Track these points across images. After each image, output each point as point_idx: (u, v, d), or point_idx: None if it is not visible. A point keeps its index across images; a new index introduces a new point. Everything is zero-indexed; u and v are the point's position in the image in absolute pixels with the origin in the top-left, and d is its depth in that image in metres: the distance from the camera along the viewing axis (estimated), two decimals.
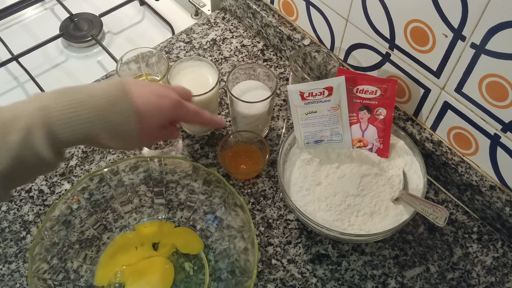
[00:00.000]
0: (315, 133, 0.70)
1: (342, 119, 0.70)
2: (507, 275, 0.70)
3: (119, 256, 0.69)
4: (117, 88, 0.51)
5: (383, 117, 0.71)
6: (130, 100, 0.51)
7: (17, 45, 0.98)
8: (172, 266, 0.68)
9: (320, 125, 0.69)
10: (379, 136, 0.72)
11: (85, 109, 0.48)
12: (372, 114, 0.71)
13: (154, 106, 0.53)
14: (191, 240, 0.71)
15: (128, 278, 0.67)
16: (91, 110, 0.49)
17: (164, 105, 0.54)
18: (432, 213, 0.64)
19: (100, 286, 0.66)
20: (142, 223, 0.72)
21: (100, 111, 0.49)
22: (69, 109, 0.48)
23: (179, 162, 0.70)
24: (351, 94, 0.70)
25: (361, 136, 0.73)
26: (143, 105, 0.52)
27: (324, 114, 0.68)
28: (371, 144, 0.73)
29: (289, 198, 0.68)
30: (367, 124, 0.72)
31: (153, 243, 0.70)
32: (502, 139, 0.66)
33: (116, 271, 0.67)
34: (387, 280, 0.69)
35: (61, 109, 0.48)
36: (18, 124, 0.46)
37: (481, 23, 0.58)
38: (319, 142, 0.72)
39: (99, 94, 0.50)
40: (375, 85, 0.70)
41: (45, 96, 0.49)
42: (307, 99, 0.64)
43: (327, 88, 0.63)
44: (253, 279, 0.59)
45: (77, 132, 0.49)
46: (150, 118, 0.53)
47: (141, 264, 0.68)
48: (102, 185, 0.68)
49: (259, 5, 0.93)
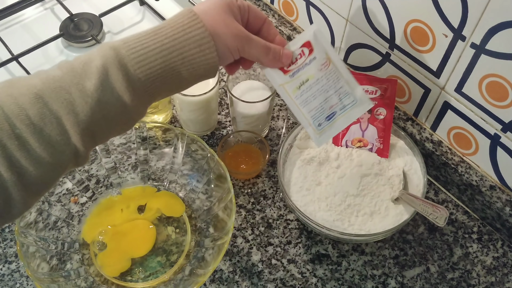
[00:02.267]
0: (322, 107, 0.56)
1: (341, 72, 0.56)
2: (507, 275, 0.70)
3: (105, 216, 0.72)
4: (186, 16, 0.46)
5: (383, 117, 0.71)
6: (202, 25, 0.45)
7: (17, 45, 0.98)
8: (154, 229, 0.71)
9: (322, 93, 0.55)
10: (379, 136, 0.72)
11: (158, 41, 0.44)
12: (372, 114, 0.71)
13: (219, 10, 0.47)
14: (173, 203, 0.74)
15: (111, 238, 0.70)
16: (164, 40, 0.44)
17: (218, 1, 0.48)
18: (432, 213, 0.64)
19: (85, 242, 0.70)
20: (127, 187, 0.75)
21: (174, 42, 0.44)
22: (141, 43, 0.44)
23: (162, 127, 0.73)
24: None
25: (361, 136, 0.73)
26: (215, 25, 0.46)
27: (318, 77, 0.54)
28: (371, 144, 0.73)
29: (289, 198, 0.68)
30: (367, 124, 0.72)
31: (138, 206, 0.73)
32: (502, 139, 0.66)
33: (101, 230, 0.70)
34: (387, 280, 0.69)
35: (132, 45, 0.44)
36: (93, 68, 0.42)
37: (481, 23, 0.58)
38: (331, 117, 0.57)
39: (168, 25, 0.45)
40: (375, 85, 0.70)
41: (111, 42, 0.45)
42: (289, 70, 0.52)
43: (304, 44, 0.52)
44: (229, 236, 0.61)
45: (153, 67, 0.44)
46: (222, 30, 0.46)
47: (125, 225, 0.71)
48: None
49: (259, 5, 0.93)
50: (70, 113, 0.41)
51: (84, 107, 0.41)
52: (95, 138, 0.44)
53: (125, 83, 0.42)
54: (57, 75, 0.41)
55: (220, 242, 0.64)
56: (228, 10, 0.47)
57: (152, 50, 0.43)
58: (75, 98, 0.41)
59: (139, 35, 0.45)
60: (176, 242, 0.70)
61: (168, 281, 0.67)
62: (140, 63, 0.43)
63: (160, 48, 0.43)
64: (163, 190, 0.75)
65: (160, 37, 0.44)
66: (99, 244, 0.69)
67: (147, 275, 0.67)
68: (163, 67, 0.44)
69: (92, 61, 0.42)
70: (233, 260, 0.70)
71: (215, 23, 0.45)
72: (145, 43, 0.44)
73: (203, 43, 0.44)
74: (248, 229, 0.73)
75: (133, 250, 0.69)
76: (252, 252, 0.71)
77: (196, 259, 0.68)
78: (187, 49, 0.44)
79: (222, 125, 0.85)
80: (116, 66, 0.42)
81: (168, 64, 0.44)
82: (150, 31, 0.45)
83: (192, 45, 0.44)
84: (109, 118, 0.43)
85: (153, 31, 0.45)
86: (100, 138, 0.45)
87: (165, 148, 0.75)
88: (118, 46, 0.43)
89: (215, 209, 0.70)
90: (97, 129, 0.43)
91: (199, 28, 0.44)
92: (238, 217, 0.74)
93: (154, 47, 0.44)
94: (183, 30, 0.44)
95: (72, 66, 0.42)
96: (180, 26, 0.44)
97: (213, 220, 0.70)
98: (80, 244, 0.69)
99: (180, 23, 0.45)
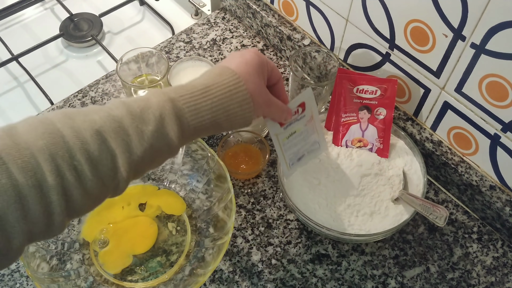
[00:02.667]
0: (298, 151, 0.69)
1: (316, 127, 0.69)
2: (507, 275, 0.70)
3: (106, 214, 0.72)
4: (232, 78, 0.52)
5: (383, 117, 0.71)
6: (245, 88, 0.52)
7: (17, 45, 0.98)
8: (156, 226, 0.71)
9: (300, 142, 0.68)
10: (379, 136, 0.72)
11: (209, 99, 0.50)
12: (372, 114, 0.71)
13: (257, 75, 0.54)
14: (174, 201, 0.74)
15: (113, 235, 0.70)
16: (214, 99, 0.50)
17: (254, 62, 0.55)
18: (432, 213, 0.64)
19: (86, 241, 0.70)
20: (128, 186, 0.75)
21: (221, 100, 0.51)
22: (194, 99, 0.49)
23: None
24: (351, 94, 0.70)
25: (361, 136, 0.73)
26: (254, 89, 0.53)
27: (302, 131, 0.67)
28: (371, 144, 0.73)
29: (289, 198, 0.68)
30: (367, 124, 0.72)
31: (139, 203, 0.73)
32: (502, 139, 0.66)
33: (102, 228, 0.70)
34: (387, 280, 0.69)
35: (188, 98, 0.49)
36: (150, 115, 0.46)
37: (481, 23, 0.58)
38: (301, 158, 0.70)
39: (217, 84, 0.51)
40: (375, 85, 0.70)
41: (165, 90, 0.49)
42: (285, 123, 0.63)
43: (300, 105, 0.63)
44: (229, 236, 0.62)
45: (203, 120, 0.50)
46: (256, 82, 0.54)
47: (126, 222, 0.72)
48: None
49: (259, 5, 0.93)
50: (125, 153, 0.45)
51: (139, 149, 0.46)
52: (137, 175, 0.48)
53: (178, 133, 0.48)
54: (116, 116, 0.45)
55: (220, 242, 0.64)
56: (261, 74, 0.55)
57: (203, 107, 0.50)
58: (133, 139, 0.45)
59: (192, 90, 0.50)
60: (176, 242, 0.70)
61: (168, 281, 0.67)
62: (192, 117, 0.49)
63: (210, 105, 0.50)
64: (164, 189, 0.75)
65: (210, 96, 0.50)
66: (101, 242, 0.69)
67: (147, 275, 0.67)
68: (210, 122, 0.50)
69: (150, 107, 0.47)
70: (233, 260, 0.70)
71: (254, 89, 0.53)
72: (198, 100, 0.50)
73: (244, 104, 0.52)
74: (248, 229, 0.73)
75: (135, 247, 0.69)
76: (252, 252, 0.71)
77: (196, 259, 0.68)
78: (231, 108, 0.51)
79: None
80: (173, 117, 0.47)
81: (214, 120, 0.51)
82: (200, 87, 0.50)
83: (235, 105, 0.51)
84: (154, 158, 0.48)
85: (204, 88, 0.50)
86: (140, 174, 0.49)
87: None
88: (174, 98, 0.48)
89: (215, 209, 0.70)
90: (143, 167, 0.48)
91: (243, 94, 0.52)
92: (238, 217, 0.74)
93: (205, 104, 0.50)
94: (229, 91, 0.51)
95: (130, 109, 0.46)
96: (226, 87, 0.51)
97: (213, 220, 0.70)
98: (80, 243, 0.69)
99: (226, 84, 0.51)
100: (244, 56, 0.54)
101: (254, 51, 0.56)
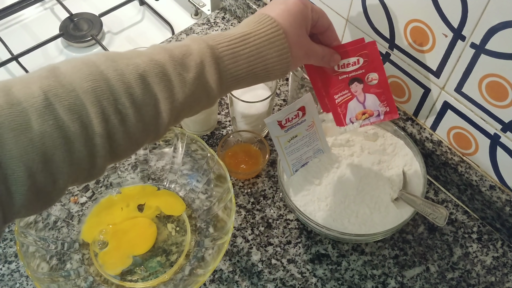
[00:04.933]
0: (301, 157, 0.70)
1: (319, 133, 0.70)
2: (507, 275, 0.70)
3: (105, 215, 0.72)
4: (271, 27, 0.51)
5: (377, 81, 0.65)
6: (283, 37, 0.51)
7: (17, 45, 0.98)
8: (155, 226, 0.71)
9: (303, 148, 0.69)
10: (381, 100, 0.66)
11: (247, 47, 0.49)
12: (364, 83, 0.66)
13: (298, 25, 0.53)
14: (173, 202, 0.74)
15: (112, 237, 0.70)
16: (252, 47, 0.50)
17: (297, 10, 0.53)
18: (432, 213, 0.64)
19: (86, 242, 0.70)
20: (127, 186, 0.75)
21: (259, 49, 0.50)
22: (233, 46, 0.49)
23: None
24: (334, 72, 0.65)
25: (363, 108, 0.67)
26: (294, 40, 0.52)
27: (304, 135, 0.67)
28: (377, 111, 0.67)
29: (289, 198, 0.68)
30: (363, 95, 0.65)
31: (138, 205, 0.73)
32: (502, 139, 0.66)
33: (101, 229, 0.70)
34: (387, 280, 0.69)
35: (226, 46, 0.49)
36: (192, 61, 0.46)
37: (481, 23, 0.58)
38: (305, 165, 0.72)
39: (255, 32, 0.50)
40: (355, 55, 0.65)
41: (203, 37, 0.49)
42: (285, 126, 0.64)
43: (300, 108, 0.64)
44: (229, 236, 0.62)
45: (241, 68, 0.49)
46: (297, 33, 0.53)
47: (125, 223, 0.71)
48: None
49: (259, 5, 0.93)
50: (168, 99, 0.45)
51: (181, 95, 0.46)
52: (176, 121, 0.48)
53: (217, 80, 0.48)
54: (159, 61, 0.45)
55: (220, 242, 0.64)
56: (303, 24, 0.53)
57: (241, 55, 0.49)
58: (175, 85, 0.45)
59: (229, 37, 0.49)
60: (176, 242, 0.70)
61: (168, 281, 0.67)
62: (230, 65, 0.49)
63: (248, 54, 0.49)
64: (163, 189, 0.75)
65: (248, 44, 0.49)
66: (100, 243, 0.69)
67: (147, 275, 0.67)
68: (247, 71, 0.50)
69: (191, 54, 0.47)
70: (233, 260, 0.70)
71: (294, 40, 0.52)
72: (235, 48, 0.49)
73: (282, 54, 0.51)
74: (248, 229, 0.73)
75: (134, 248, 0.70)
76: (252, 252, 0.71)
77: (196, 259, 0.68)
78: (269, 57, 0.50)
79: (222, 125, 0.85)
80: (213, 64, 0.47)
81: (251, 69, 0.50)
82: (239, 35, 0.50)
83: (273, 55, 0.50)
84: (194, 106, 0.48)
85: (241, 35, 0.50)
86: (179, 121, 0.49)
87: (165, 148, 0.75)
88: (213, 45, 0.48)
89: (215, 209, 0.70)
90: (182, 114, 0.48)
91: (282, 43, 0.51)
92: (238, 217, 0.74)
93: (242, 52, 0.49)
94: (267, 40, 0.50)
95: (172, 54, 0.46)
96: (264, 36, 0.50)
97: (213, 220, 0.70)
98: (80, 244, 0.69)
99: (265, 32, 0.50)
100: (287, 3, 0.53)
101: None
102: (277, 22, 0.51)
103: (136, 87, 0.43)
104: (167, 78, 0.45)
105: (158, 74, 0.44)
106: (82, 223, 0.71)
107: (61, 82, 0.40)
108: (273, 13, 0.51)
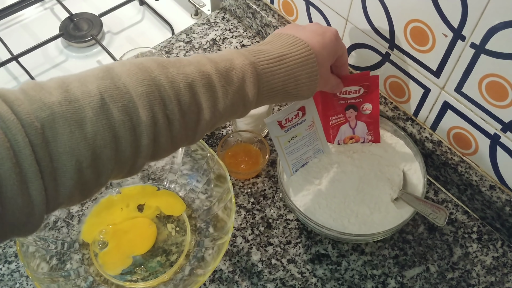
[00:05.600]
0: (300, 157, 0.70)
1: (319, 133, 0.71)
2: (507, 275, 0.70)
3: (105, 215, 0.72)
4: (305, 50, 0.55)
5: (370, 112, 0.72)
6: (315, 62, 0.56)
7: (17, 45, 0.98)
8: (155, 226, 0.71)
9: (303, 148, 0.70)
10: (368, 129, 0.74)
11: (282, 66, 0.54)
12: (358, 111, 0.72)
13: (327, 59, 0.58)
14: (173, 202, 0.74)
15: (112, 237, 0.70)
16: (287, 67, 0.54)
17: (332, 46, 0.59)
18: (432, 213, 0.64)
19: (86, 242, 0.70)
20: (127, 186, 0.75)
21: (293, 69, 0.54)
22: (270, 65, 0.53)
23: None
24: (336, 97, 0.70)
25: (352, 133, 0.74)
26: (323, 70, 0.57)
27: (304, 135, 0.68)
28: (363, 138, 0.75)
29: (289, 198, 0.68)
30: (355, 121, 0.73)
31: (138, 205, 0.73)
32: (502, 139, 0.66)
33: (101, 229, 0.71)
34: (387, 280, 0.69)
35: (265, 64, 0.53)
36: (236, 76, 0.50)
37: (481, 23, 0.58)
38: (305, 165, 0.72)
39: (291, 54, 0.55)
40: (357, 85, 0.70)
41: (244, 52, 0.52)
42: (285, 126, 0.65)
43: (300, 108, 0.65)
44: (229, 236, 0.62)
45: (276, 85, 0.53)
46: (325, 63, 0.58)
47: (125, 224, 0.72)
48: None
49: (259, 5, 0.93)
50: (210, 108, 0.48)
51: (222, 106, 0.49)
52: (211, 130, 0.52)
53: (255, 95, 0.52)
54: (206, 72, 0.48)
55: (220, 242, 0.64)
56: (331, 59, 0.60)
57: (277, 75, 0.53)
58: (218, 96, 0.48)
59: (268, 56, 0.54)
60: (176, 242, 0.70)
61: (168, 281, 0.67)
62: (267, 83, 0.53)
63: (284, 74, 0.54)
64: (163, 189, 0.75)
65: (284, 66, 0.54)
66: (100, 243, 0.69)
67: (146, 275, 0.67)
68: (280, 89, 0.54)
69: (234, 68, 0.50)
70: (233, 260, 0.70)
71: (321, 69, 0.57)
72: (273, 67, 0.53)
73: (312, 76, 0.56)
74: (248, 229, 0.73)
75: (134, 248, 0.69)
76: (252, 252, 0.71)
77: (196, 259, 0.68)
78: (301, 78, 0.55)
79: (222, 125, 0.85)
80: (253, 80, 0.51)
81: (284, 88, 0.54)
82: (276, 55, 0.54)
83: (304, 76, 0.55)
84: (230, 116, 0.52)
85: (279, 56, 0.54)
86: (213, 129, 0.52)
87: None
88: (254, 62, 0.52)
89: (215, 209, 0.70)
90: (219, 123, 0.51)
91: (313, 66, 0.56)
92: (238, 217, 0.74)
93: (279, 72, 0.53)
94: (301, 63, 0.55)
95: (218, 67, 0.49)
96: (299, 60, 0.55)
97: (213, 220, 0.70)
98: (80, 244, 0.69)
99: (299, 57, 0.55)
100: (325, 38, 0.58)
101: (335, 35, 0.59)
102: (312, 51, 0.56)
103: (185, 95, 0.45)
104: (212, 89, 0.48)
105: (205, 85, 0.47)
106: (82, 223, 0.71)
107: (116, 84, 0.42)
108: (310, 42, 0.56)
